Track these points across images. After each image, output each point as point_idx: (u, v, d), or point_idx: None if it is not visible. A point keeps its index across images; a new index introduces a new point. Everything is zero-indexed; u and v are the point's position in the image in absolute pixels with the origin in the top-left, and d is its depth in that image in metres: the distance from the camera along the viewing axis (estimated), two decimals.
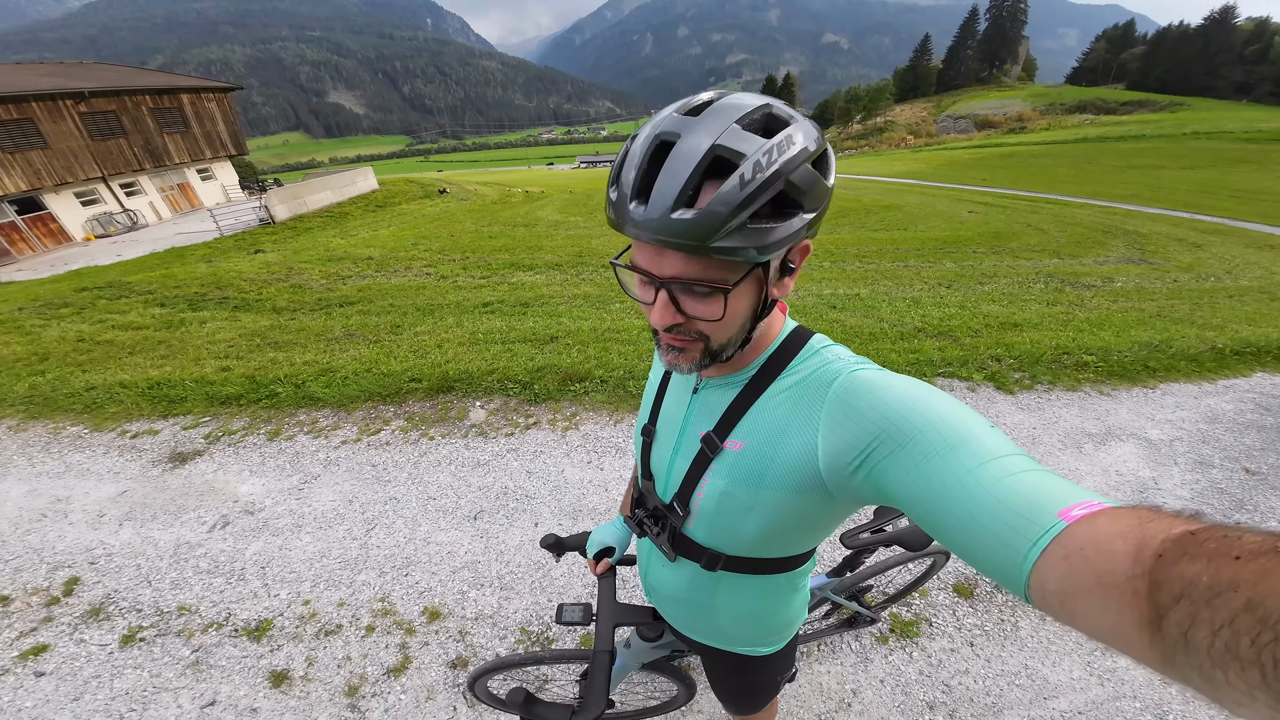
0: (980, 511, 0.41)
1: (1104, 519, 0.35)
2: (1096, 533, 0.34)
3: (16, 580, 2.24)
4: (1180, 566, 0.28)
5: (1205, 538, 0.28)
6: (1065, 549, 0.35)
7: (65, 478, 2.93)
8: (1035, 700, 1.66)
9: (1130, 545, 0.32)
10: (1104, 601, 0.32)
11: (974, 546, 0.41)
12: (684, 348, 0.59)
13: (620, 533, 1.03)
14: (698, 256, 0.50)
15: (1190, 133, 35.53)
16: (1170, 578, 0.28)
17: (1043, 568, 0.36)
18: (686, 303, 0.55)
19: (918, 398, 0.51)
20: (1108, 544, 0.33)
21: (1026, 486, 0.40)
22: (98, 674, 1.82)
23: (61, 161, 18.00)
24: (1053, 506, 0.38)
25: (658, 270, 0.53)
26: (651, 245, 0.52)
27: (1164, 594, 0.28)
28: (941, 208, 13.26)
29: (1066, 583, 0.34)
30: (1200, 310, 5.15)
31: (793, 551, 0.73)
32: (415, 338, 4.72)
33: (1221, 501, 2.51)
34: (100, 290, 7.11)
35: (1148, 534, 0.31)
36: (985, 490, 0.41)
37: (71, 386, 3.96)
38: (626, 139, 0.56)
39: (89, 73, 21.91)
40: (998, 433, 0.47)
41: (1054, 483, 0.40)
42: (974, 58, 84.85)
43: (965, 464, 0.44)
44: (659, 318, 0.55)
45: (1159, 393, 3.52)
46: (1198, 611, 0.26)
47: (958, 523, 0.42)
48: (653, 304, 0.55)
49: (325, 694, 1.74)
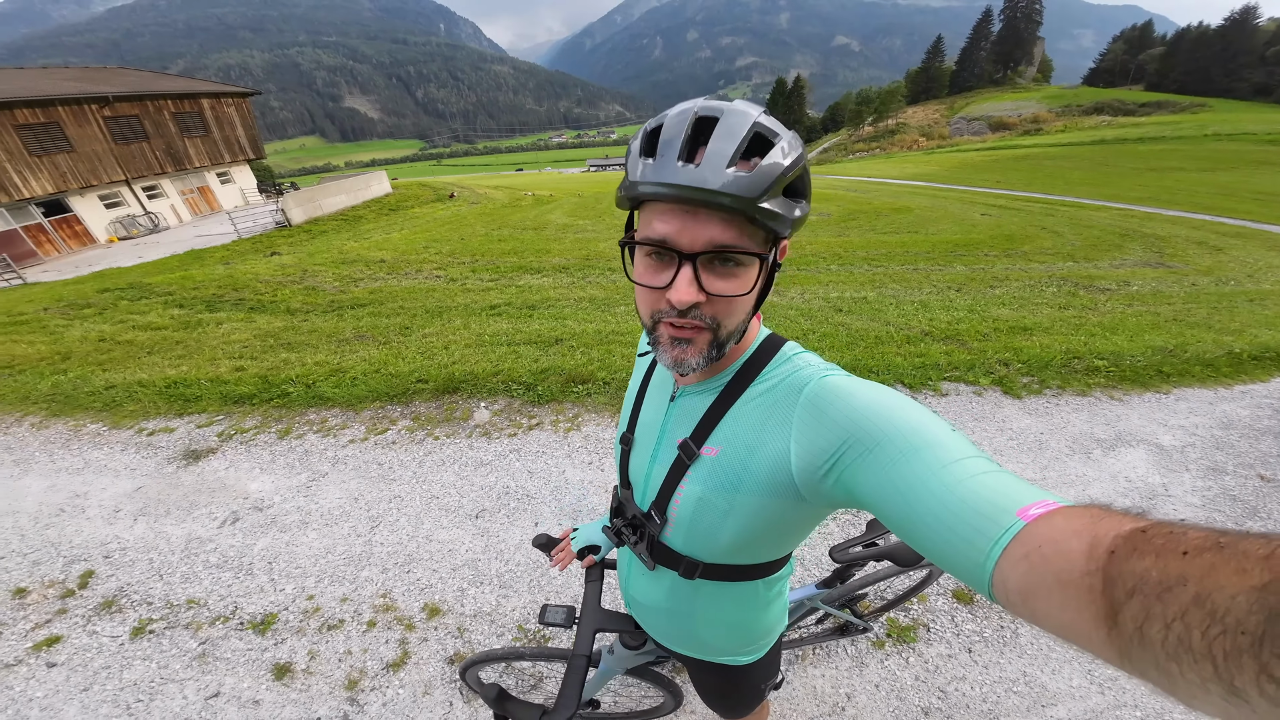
0: (944, 512, 0.42)
1: (1059, 517, 0.36)
2: (1053, 531, 0.35)
3: (34, 573, 2.32)
4: (1131, 562, 0.29)
5: (1154, 534, 0.29)
6: (1025, 547, 0.36)
7: (84, 474, 3.03)
8: (1033, 708, 1.64)
9: (1084, 543, 0.32)
10: (1062, 598, 0.32)
11: (940, 547, 0.42)
12: (692, 338, 0.58)
13: (596, 530, 1.04)
14: (738, 221, 0.52)
15: (1211, 134, 34.68)
16: (1123, 573, 0.29)
17: (1004, 566, 0.37)
18: (709, 280, 0.55)
19: (884, 403, 0.52)
20: (1064, 542, 0.34)
21: (987, 488, 0.41)
22: (108, 665, 1.88)
23: (86, 165, 18.56)
24: (1012, 506, 0.39)
25: (690, 239, 0.53)
26: (686, 210, 0.53)
27: (1118, 589, 0.29)
28: (953, 210, 13.11)
29: (1027, 580, 0.35)
30: (1218, 314, 5.04)
31: (769, 557, 0.74)
32: (423, 339, 4.79)
33: (1234, 509, 2.46)
34: (122, 291, 7.31)
35: (1100, 531, 0.32)
36: (949, 491, 0.42)
37: (92, 385, 4.09)
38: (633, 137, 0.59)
39: (112, 77, 22.60)
40: (960, 435, 0.48)
41: (1012, 483, 0.42)
42: (988, 59, 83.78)
43: (929, 466, 0.45)
44: (683, 294, 0.54)
45: (1172, 398, 3.45)
46: (1150, 606, 0.27)
47: (923, 524, 0.43)
48: (669, 285, 0.55)
49: (326, 687, 1.77)
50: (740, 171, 0.50)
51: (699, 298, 0.55)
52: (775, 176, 0.51)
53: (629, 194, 0.57)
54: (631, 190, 0.56)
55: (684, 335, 0.58)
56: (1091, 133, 44.47)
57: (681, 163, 0.51)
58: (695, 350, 0.59)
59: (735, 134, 0.51)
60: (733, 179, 0.50)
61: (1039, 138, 48.44)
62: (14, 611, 2.12)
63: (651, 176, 0.53)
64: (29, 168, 16.91)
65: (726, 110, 0.53)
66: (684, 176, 0.51)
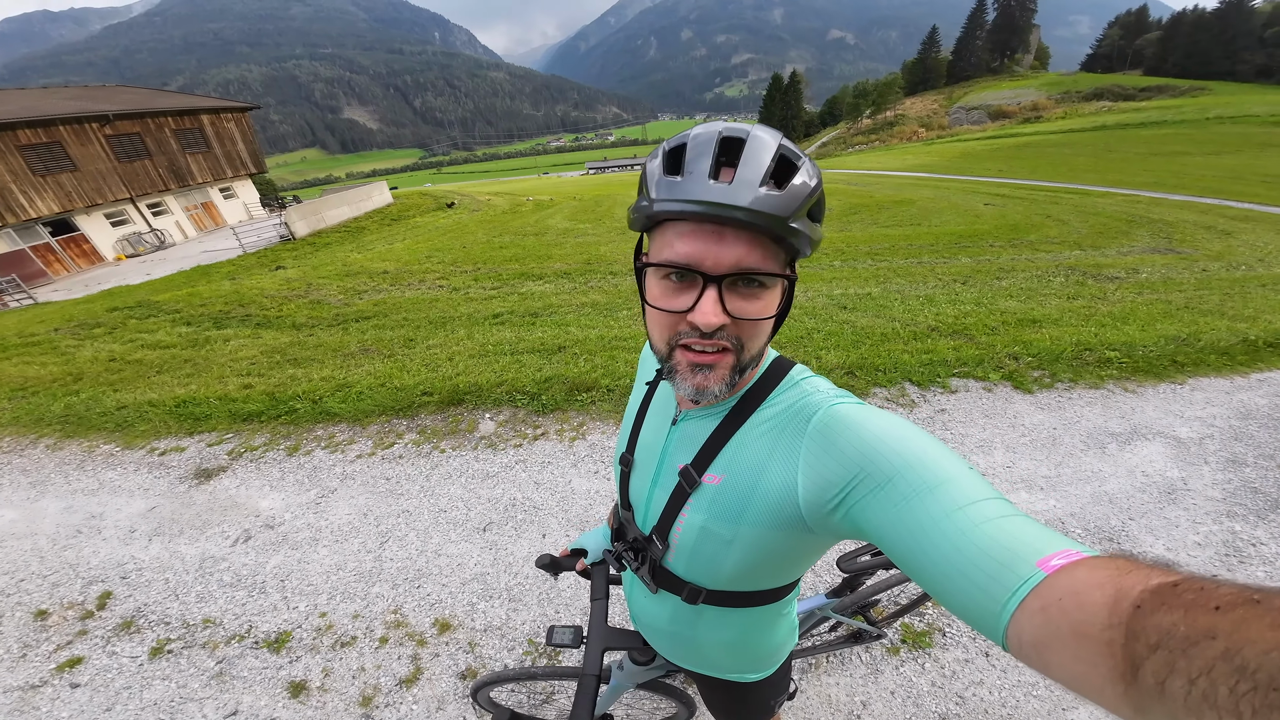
0: (958, 557, 0.41)
1: (1082, 570, 0.35)
2: (1075, 583, 0.34)
3: (54, 595, 2.35)
4: (1158, 617, 0.28)
5: (1184, 589, 0.28)
6: (1043, 600, 0.35)
7: (99, 495, 3.06)
8: (1054, 712, 1.62)
9: (1107, 596, 0.32)
10: (1077, 651, 0.32)
11: (951, 592, 0.41)
12: (715, 363, 0.56)
13: (599, 540, 1.04)
14: (763, 241, 0.52)
15: (1214, 117, 34.22)
16: (1147, 628, 0.28)
17: (1020, 619, 0.36)
18: (733, 303, 0.54)
19: (897, 436, 0.51)
20: (1085, 594, 0.33)
21: (1005, 534, 0.40)
22: (129, 685, 1.90)
23: (91, 183, 18.83)
24: (1031, 556, 0.38)
25: (716, 260, 0.52)
26: (712, 230, 0.52)
27: (1140, 644, 0.28)
28: (956, 201, 13.00)
29: (1043, 633, 0.34)
30: (1231, 301, 4.96)
31: (774, 584, 0.72)
32: (427, 351, 4.81)
33: (1256, 502, 2.41)
34: (130, 310, 7.40)
35: (1125, 585, 0.32)
36: (964, 535, 0.41)
37: (104, 405, 4.13)
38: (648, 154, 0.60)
39: (113, 95, 22.90)
40: (976, 474, 0.47)
41: (1032, 530, 0.40)
42: (984, 48, 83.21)
43: (943, 507, 0.43)
44: (709, 315, 0.52)
45: (1187, 388, 3.40)
46: (1175, 661, 0.26)
47: (935, 567, 0.42)
48: (691, 308, 0.53)
49: (341, 704, 1.78)
50: (772, 191, 0.50)
51: (724, 320, 0.53)
52: (804, 196, 0.52)
53: (647, 213, 0.55)
54: (652, 209, 0.54)
55: (706, 360, 0.56)
56: (1093, 119, 44.05)
57: (713, 180, 0.51)
58: (717, 377, 0.57)
59: (764, 155, 0.52)
60: (765, 197, 0.50)
61: (1040, 125, 48.02)
62: (37, 633, 2.15)
63: (680, 194, 0.52)
64: (34, 188, 17.16)
65: (752, 133, 0.54)
66: (716, 194, 0.50)
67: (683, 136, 0.55)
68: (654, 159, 0.57)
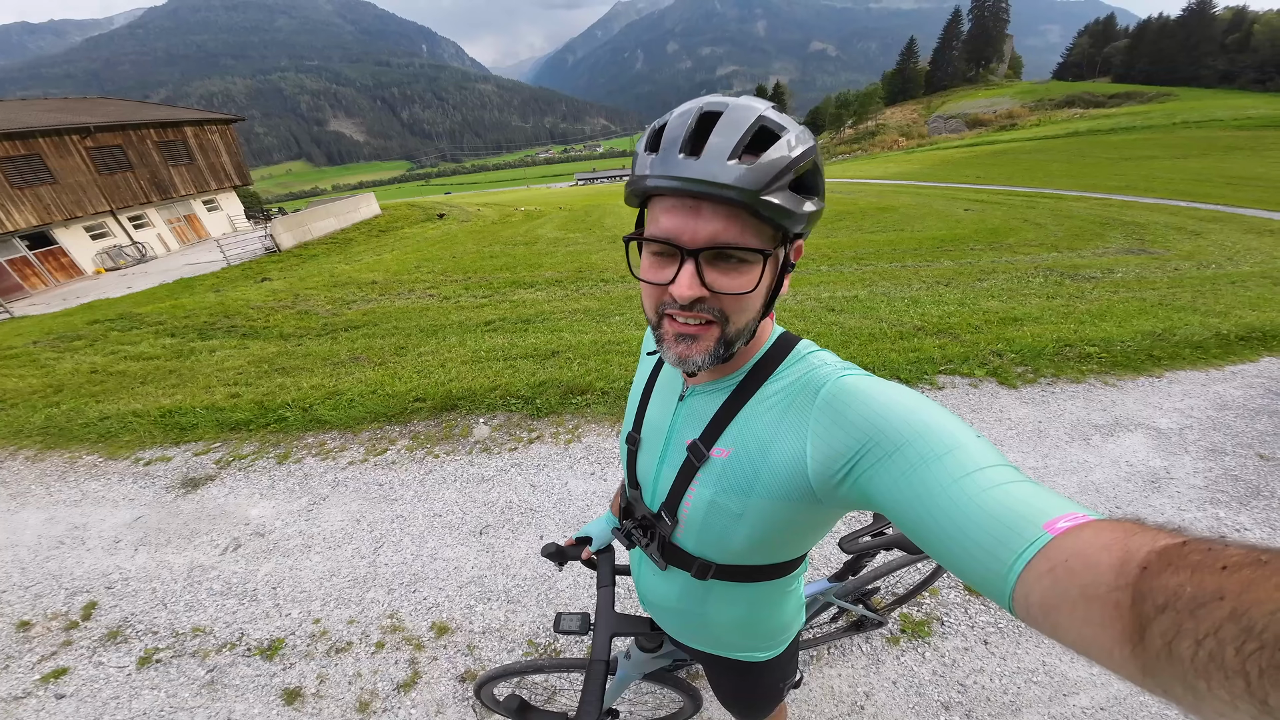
0: (965, 522, 0.41)
1: (1089, 531, 0.35)
2: (1081, 545, 0.34)
3: (37, 606, 2.28)
4: (1165, 578, 0.28)
5: (1190, 550, 0.28)
6: (1050, 561, 0.35)
7: (82, 505, 2.98)
8: (1054, 697, 1.64)
9: (1115, 557, 0.32)
10: (1086, 613, 0.32)
11: (959, 556, 0.41)
12: (698, 334, 0.57)
13: (603, 528, 1.05)
14: (741, 215, 0.52)
15: (1180, 122, 35.65)
16: (1155, 589, 0.28)
17: (1027, 580, 0.36)
18: (712, 276, 0.54)
19: (905, 405, 0.51)
20: (1092, 556, 0.33)
21: (1012, 498, 0.41)
22: (116, 695, 1.84)
23: (70, 196, 18.43)
24: (1038, 518, 0.38)
25: (692, 234, 0.52)
26: (690, 205, 0.52)
27: (1148, 605, 0.28)
28: (937, 207, 13.31)
29: (1050, 595, 0.34)
30: (1203, 297, 5.13)
31: (783, 558, 0.73)
32: (419, 358, 4.78)
33: (1237, 489, 2.48)
34: (112, 322, 7.25)
35: (1132, 547, 0.32)
36: (971, 500, 0.41)
37: (86, 416, 4.03)
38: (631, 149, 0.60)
39: (94, 108, 22.54)
40: (984, 442, 0.47)
41: (1039, 494, 0.41)
42: (960, 58, 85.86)
43: (951, 473, 0.44)
44: (684, 288, 0.53)
45: (1165, 381, 3.50)
46: (1182, 622, 0.26)
47: (943, 532, 0.42)
48: (672, 281, 0.54)
49: (337, 710, 1.74)
50: (739, 164, 0.50)
51: (701, 293, 0.54)
52: (779, 169, 0.51)
53: (635, 189, 0.57)
54: (638, 185, 0.56)
55: (689, 331, 0.57)
56: (1065, 125, 45.54)
57: (684, 155, 0.51)
58: (701, 348, 0.57)
59: (738, 127, 0.51)
60: (731, 170, 0.49)
61: (1015, 132, 49.49)
62: (19, 644, 2.09)
63: (656, 170, 0.53)
64: (11, 200, 16.75)
65: (731, 105, 0.54)
66: (685, 169, 0.51)
67: (670, 113, 0.57)
68: (643, 137, 0.59)
